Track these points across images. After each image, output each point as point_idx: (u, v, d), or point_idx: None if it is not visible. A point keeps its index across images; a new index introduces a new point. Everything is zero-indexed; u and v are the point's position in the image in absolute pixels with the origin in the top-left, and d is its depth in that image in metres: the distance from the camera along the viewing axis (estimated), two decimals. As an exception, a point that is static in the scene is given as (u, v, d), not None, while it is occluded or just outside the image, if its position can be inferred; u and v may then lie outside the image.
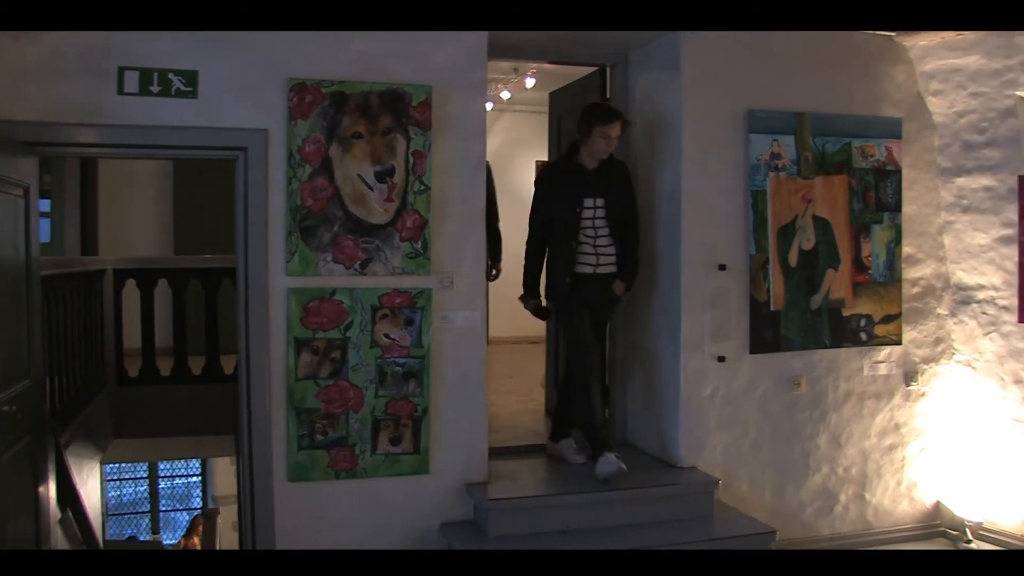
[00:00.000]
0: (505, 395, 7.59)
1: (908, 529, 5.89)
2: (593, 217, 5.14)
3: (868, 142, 5.64)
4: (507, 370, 9.01)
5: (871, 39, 5.66)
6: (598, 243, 5.17)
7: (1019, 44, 5.29)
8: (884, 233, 5.70)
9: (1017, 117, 5.52)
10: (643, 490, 5.02)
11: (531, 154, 11.15)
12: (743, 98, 5.35)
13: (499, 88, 9.42)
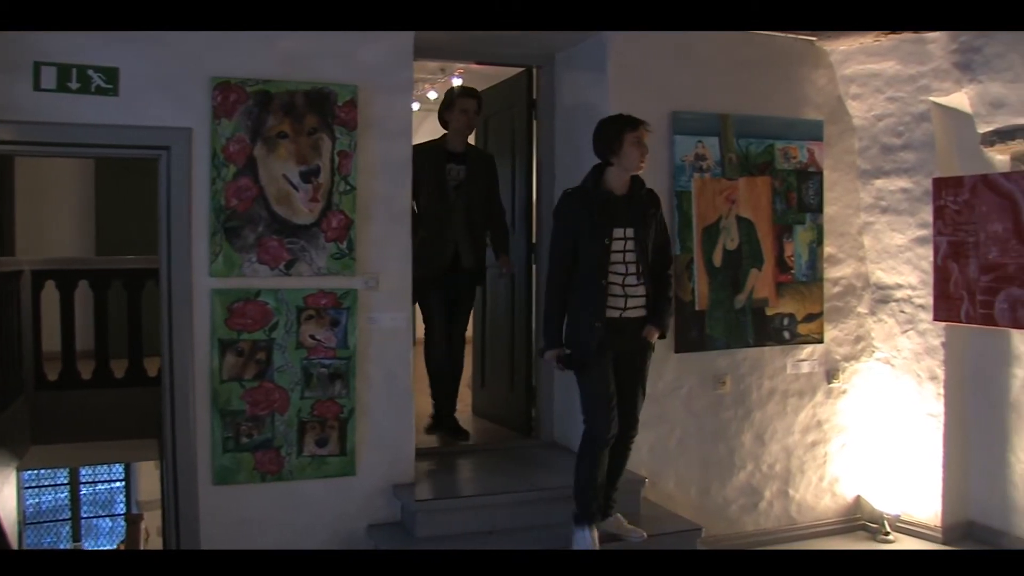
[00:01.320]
0: (432, 396, 7.57)
1: (830, 523, 6.00)
2: (624, 250, 4.53)
3: (791, 144, 5.74)
4: (435, 371, 8.97)
5: (793, 43, 5.77)
6: (627, 281, 4.52)
7: (931, 52, 5.44)
8: (806, 233, 5.81)
9: (931, 122, 5.67)
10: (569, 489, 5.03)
11: (459, 154, 11.12)
12: (668, 100, 5.41)
13: (426, 88, 9.39)
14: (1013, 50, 5.03)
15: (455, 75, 8.78)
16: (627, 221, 4.52)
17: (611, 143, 4.49)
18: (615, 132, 4.48)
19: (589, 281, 4.48)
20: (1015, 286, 5.10)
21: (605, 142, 4.51)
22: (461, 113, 5.77)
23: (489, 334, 6.58)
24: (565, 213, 4.56)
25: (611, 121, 4.57)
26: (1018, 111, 5.12)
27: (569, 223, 4.53)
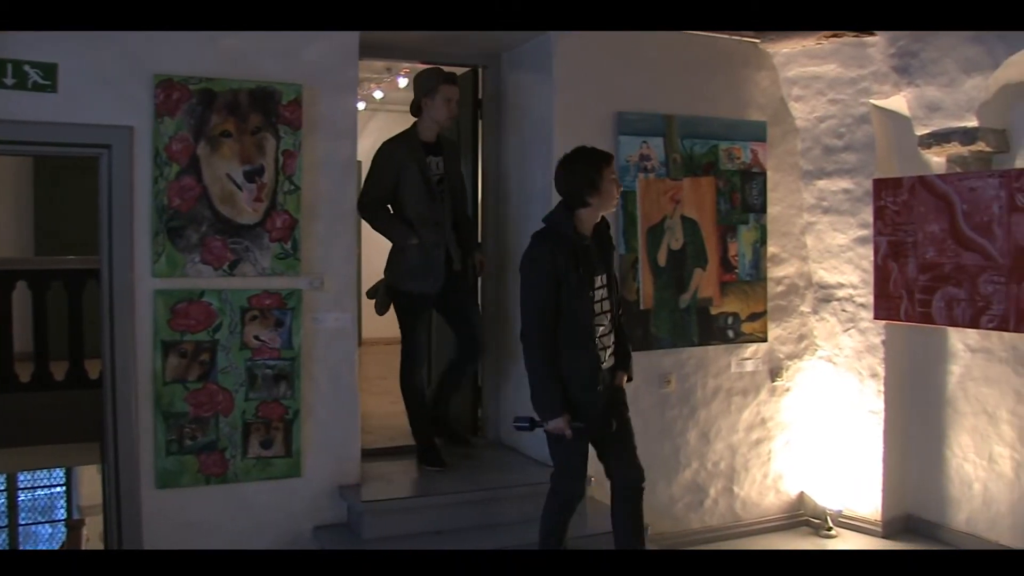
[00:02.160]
0: (378, 396, 7.54)
1: (774, 519, 6.08)
2: (600, 299, 4.15)
3: (734, 145, 5.81)
4: (380, 371, 8.94)
5: (737, 45, 5.83)
6: (602, 331, 4.16)
7: (871, 55, 5.54)
8: (750, 233, 5.88)
9: (871, 124, 5.77)
10: (517, 488, 5.06)
11: (406, 154, 11.08)
12: (613, 100, 5.44)
13: (372, 88, 9.36)
14: (947, 56, 5.15)
15: (401, 74, 8.76)
16: (601, 267, 4.17)
17: (590, 181, 3.99)
18: (594, 169, 4.01)
19: (577, 341, 4.03)
20: (951, 285, 5.20)
21: (583, 180, 4.00)
22: (444, 102, 5.17)
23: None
24: (544, 260, 3.98)
25: (586, 157, 4.06)
26: (953, 115, 5.23)
27: (549, 272, 3.97)
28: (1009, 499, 5.38)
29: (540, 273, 3.99)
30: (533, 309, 4.02)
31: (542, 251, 4.01)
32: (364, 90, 9.16)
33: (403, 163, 5.09)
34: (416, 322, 5.30)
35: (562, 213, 4.07)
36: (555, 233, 4.06)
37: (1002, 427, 5.39)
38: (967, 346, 5.60)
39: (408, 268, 5.09)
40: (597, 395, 4.07)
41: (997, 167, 5.25)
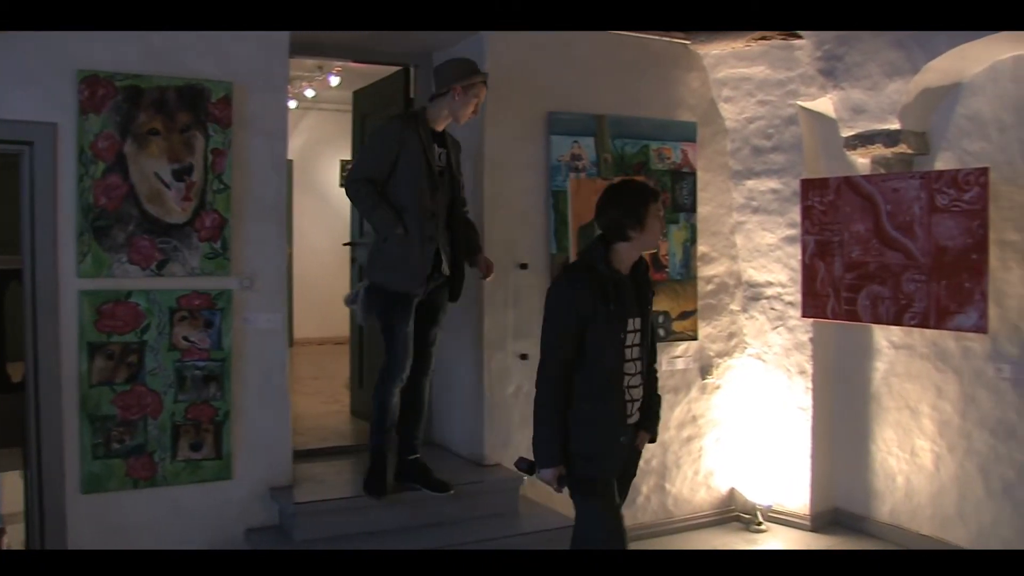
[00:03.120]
0: (310, 397, 7.51)
1: (706, 515, 6.16)
2: (632, 344, 3.75)
3: (665, 145, 5.87)
4: (312, 371, 8.91)
5: (667, 46, 5.89)
6: (632, 382, 3.77)
7: (799, 58, 5.64)
8: (680, 233, 5.94)
9: (799, 125, 5.87)
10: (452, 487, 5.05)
11: (335, 153, 11.07)
12: (544, 100, 5.47)
13: (303, 86, 9.28)
14: (871, 60, 5.27)
15: (332, 73, 8.70)
16: (635, 309, 3.76)
17: (635, 214, 3.62)
18: (640, 202, 3.65)
19: (601, 387, 3.67)
20: (876, 283, 5.32)
21: (627, 213, 3.63)
22: (473, 101, 4.72)
23: (366, 334, 6.53)
24: (572, 295, 3.62)
25: (633, 189, 3.73)
26: (877, 117, 5.35)
27: (576, 309, 3.60)
28: (929, 491, 5.52)
29: (565, 310, 3.62)
30: (553, 347, 3.65)
31: (571, 286, 3.65)
32: (295, 88, 9.08)
33: (409, 144, 4.60)
34: (399, 326, 4.68)
35: (598, 247, 3.69)
36: (587, 267, 3.67)
37: (923, 421, 5.53)
38: (891, 343, 5.73)
39: (390, 262, 4.61)
40: (618, 448, 3.73)
41: (918, 168, 5.38)
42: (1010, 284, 5.01)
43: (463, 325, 5.49)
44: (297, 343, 10.52)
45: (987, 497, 5.21)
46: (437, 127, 4.77)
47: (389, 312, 4.67)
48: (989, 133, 5.11)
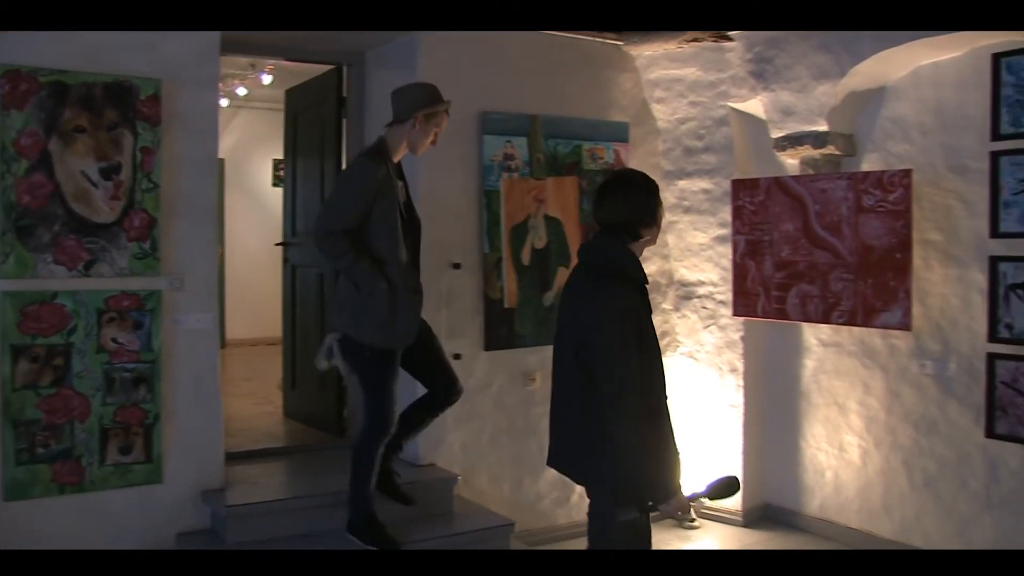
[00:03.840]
0: (242, 398, 7.43)
1: (637, 513, 6.19)
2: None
3: (597, 145, 5.90)
4: (245, 372, 8.81)
5: (600, 47, 5.93)
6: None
7: (730, 60, 5.73)
8: (612, 232, 5.97)
9: (730, 126, 5.95)
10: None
11: (268, 152, 10.96)
12: (477, 100, 5.47)
13: (235, 84, 9.17)
14: (800, 63, 5.37)
15: (264, 71, 8.61)
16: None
17: (651, 211, 3.33)
18: (654, 197, 3.35)
19: (661, 400, 3.30)
20: (805, 282, 5.41)
21: (642, 210, 3.31)
22: (434, 131, 4.42)
23: (299, 334, 6.49)
24: (631, 304, 3.22)
25: (644, 183, 3.37)
26: (806, 119, 5.45)
27: (635, 319, 3.22)
28: (857, 485, 5.62)
29: (630, 320, 3.19)
30: (629, 365, 3.13)
31: (627, 293, 3.23)
32: (227, 86, 8.97)
33: (383, 187, 4.24)
34: (387, 382, 4.35)
35: (619, 245, 3.30)
36: (626, 272, 3.27)
37: (851, 417, 5.63)
38: (820, 341, 5.83)
39: (375, 319, 4.24)
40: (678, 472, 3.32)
41: (845, 170, 5.48)
42: (932, 283, 5.13)
43: (397, 325, 5.47)
44: (229, 344, 10.39)
45: (911, 490, 5.33)
46: (394, 158, 4.41)
47: (376, 370, 4.34)
48: (912, 136, 5.23)
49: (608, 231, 3.33)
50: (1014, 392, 4.60)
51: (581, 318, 3.25)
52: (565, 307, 3.44)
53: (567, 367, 3.35)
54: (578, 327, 3.26)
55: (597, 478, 3.31)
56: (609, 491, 3.24)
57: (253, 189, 11.27)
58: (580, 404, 3.26)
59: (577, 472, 3.43)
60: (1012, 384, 4.61)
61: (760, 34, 5.52)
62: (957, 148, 5.01)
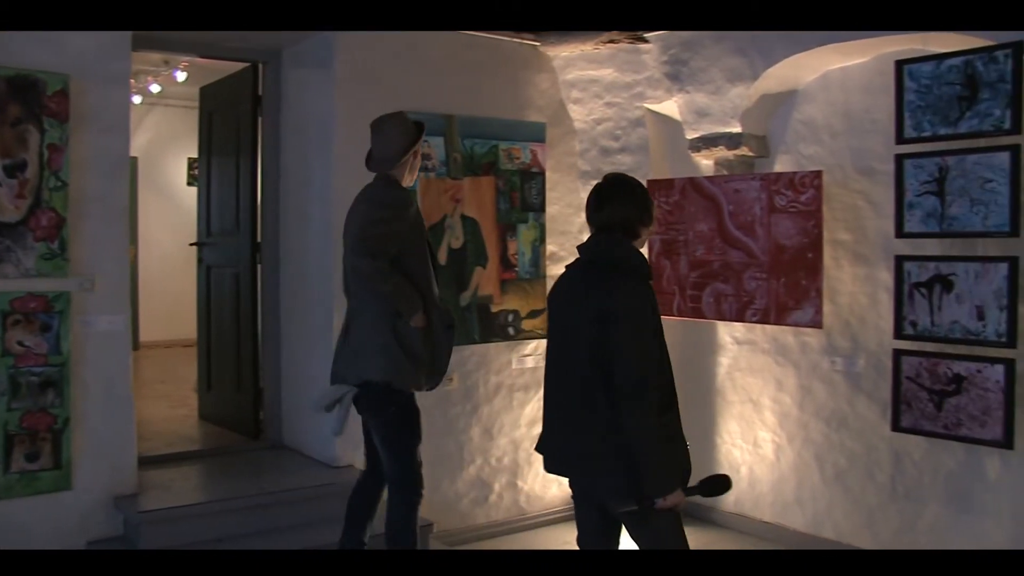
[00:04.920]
0: (157, 401, 7.30)
1: (558, 511, 6.21)
2: None
3: (514, 145, 5.92)
4: (159, 375, 8.67)
5: (517, 48, 5.95)
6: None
7: (645, 62, 5.79)
8: (529, 232, 6.01)
9: (646, 127, 6.02)
10: (301, 491, 4.99)
11: (183, 151, 10.78)
12: (394, 100, 5.39)
13: (148, 80, 8.98)
14: (714, 65, 5.46)
15: (178, 68, 8.46)
16: None
17: (651, 213, 3.43)
18: (650, 199, 3.47)
19: (670, 392, 3.38)
20: (719, 281, 5.50)
21: (642, 210, 3.39)
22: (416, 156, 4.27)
23: (214, 335, 6.40)
24: (649, 300, 3.31)
25: (639, 185, 3.46)
26: (720, 120, 5.54)
27: (652, 314, 3.31)
28: (770, 480, 5.73)
29: (648, 314, 3.27)
30: (647, 358, 3.22)
31: (645, 288, 3.32)
32: (139, 83, 8.78)
33: (416, 220, 4.14)
34: (415, 436, 4.13)
35: (630, 245, 3.37)
36: (638, 268, 3.36)
37: (765, 413, 5.74)
38: (734, 339, 5.92)
39: (417, 358, 4.00)
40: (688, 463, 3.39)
41: (759, 171, 5.58)
42: (842, 282, 5.25)
43: (313, 327, 5.43)
44: (144, 346, 10.22)
45: (822, 484, 5.44)
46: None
47: (405, 422, 4.06)
48: (822, 138, 5.34)
49: (608, 231, 3.38)
50: (917, 387, 4.73)
51: (595, 313, 3.22)
52: (567, 306, 3.41)
53: (579, 366, 3.29)
54: (592, 322, 3.22)
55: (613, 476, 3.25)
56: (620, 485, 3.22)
57: (167, 188, 11.08)
58: (600, 402, 3.24)
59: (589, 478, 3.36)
60: (916, 379, 4.74)
61: (675, 36, 5.60)
62: (864, 151, 5.14)
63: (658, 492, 3.17)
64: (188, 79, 8.48)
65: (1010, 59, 4.29)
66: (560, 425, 3.42)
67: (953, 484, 4.83)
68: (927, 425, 4.72)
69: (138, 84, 8.72)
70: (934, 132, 4.60)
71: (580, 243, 3.48)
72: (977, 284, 4.49)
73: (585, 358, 3.26)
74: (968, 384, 4.55)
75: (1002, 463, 4.61)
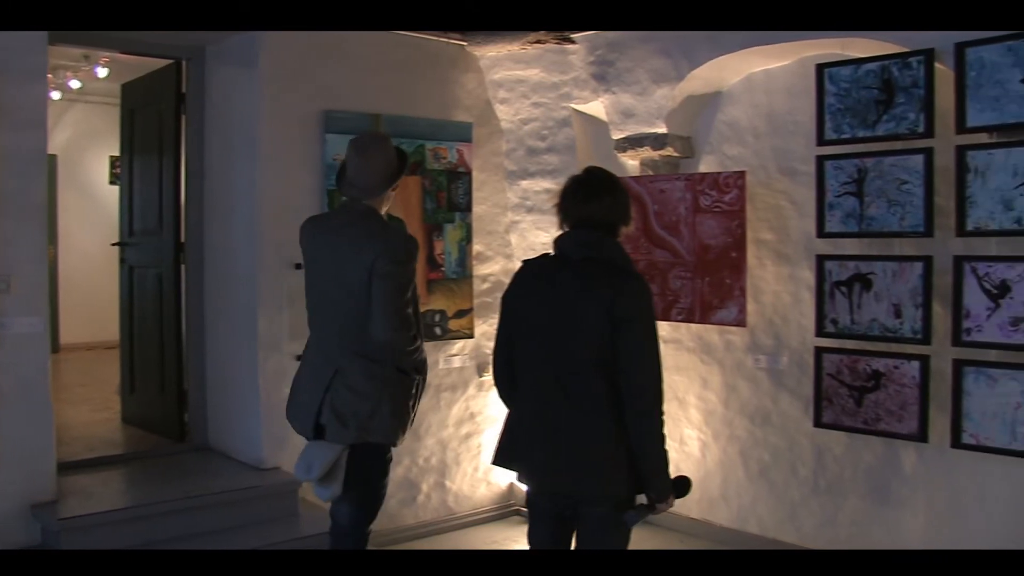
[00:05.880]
0: (77, 405, 7.15)
1: (486, 511, 6.24)
2: None
3: (441, 145, 5.91)
4: (80, 378, 8.49)
5: (445, 47, 5.94)
6: None
7: (572, 62, 5.82)
8: (455, 232, 6.00)
9: (572, 127, 6.06)
10: (227, 494, 4.92)
11: (105, 148, 10.57)
12: (320, 98, 5.40)
13: (67, 76, 8.78)
14: (640, 66, 5.51)
15: (99, 64, 8.29)
16: None
17: (630, 211, 3.37)
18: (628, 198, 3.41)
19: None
20: (645, 281, 5.54)
21: (627, 210, 3.35)
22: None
23: (137, 337, 6.29)
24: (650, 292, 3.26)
25: (621, 184, 3.42)
26: (645, 121, 5.59)
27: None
28: (697, 476, 5.77)
29: (654, 317, 3.21)
30: (659, 361, 3.18)
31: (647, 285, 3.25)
32: (58, 78, 8.59)
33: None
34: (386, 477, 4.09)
35: (617, 243, 3.29)
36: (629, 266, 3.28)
37: (691, 411, 5.80)
38: (660, 337, 5.94)
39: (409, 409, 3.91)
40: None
41: (683, 171, 5.64)
42: (765, 281, 5.33)
43: (238, 327, 5.37)
44: (64, 348, 10.00)
45: (747, 479, 5.52)
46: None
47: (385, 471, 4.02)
48: (746, 139, 5.42)
49: (591, 227, 3.26)
50: (838, 383, 4.83)
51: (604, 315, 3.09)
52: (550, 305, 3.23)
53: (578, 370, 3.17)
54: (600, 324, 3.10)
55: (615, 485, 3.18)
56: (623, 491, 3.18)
57: (88, 187, 10.85)
58: (606, 407, 3.14)
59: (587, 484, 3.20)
60: (836, 376, 4.84)
61: (602, 37, 5.64)
62: (787, 152, 5.22)
63: (664, 497, 3.17)
64: (110, 75, 8.31)
65: (923, 65, 4.41)
66: (548, 433, 3.21)
67: (872, 477, 4.94)
68: (847, 420, 4.82)
69: (57, 80, 8.53)
70: (853, 134, 4.70)
71: (560, 236, 3.33)
72: (894, 283, 4.60)
73: (587, 362, 3.14)
74: (886, 380, 4.66)
75: (918, 456, 4.73)
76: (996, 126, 4.19)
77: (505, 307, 3.41)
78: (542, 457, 3.23)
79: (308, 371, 3.92)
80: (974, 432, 4.34)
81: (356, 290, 3.70)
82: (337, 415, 3.73)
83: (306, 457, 3.80)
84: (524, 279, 3.38)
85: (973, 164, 4.26)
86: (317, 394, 3.78)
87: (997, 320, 4.24)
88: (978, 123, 4.24)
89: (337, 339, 3.81)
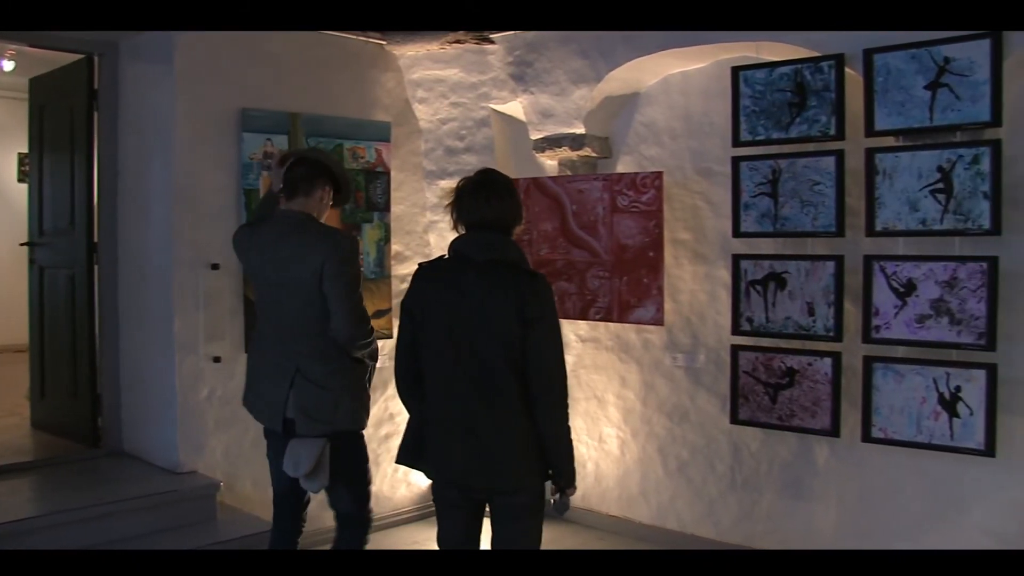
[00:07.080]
0: (-16, 410, 6.96)
1: (407, 512, 6.23)
2: None
3: (359, 144, 5.87)
4: (-11, 383, 8.25)
5: (363, 46, 5.90)
6: None
7: (491, 62, 5.84)
8: (374, 232, 5.97)
9: (491, 127, 6.07)
10: (142, 499, 4.83)
11: (12, 145, 10.30)
12: (237, 97, 5.32)
13: (-26, 71, 8.53)
14: (558, 67, 5.55)
15: (4, 57, 8.05)
16: None
17: (522, 212, 3.47)
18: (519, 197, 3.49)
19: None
20: (563, 280, 5.59)
21: (520, 210, 3.45)
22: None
23: (48, 339, 6.14)
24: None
25: (513, 183, 3.52)
26: (564, 121, 5.63)
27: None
28: (616, 474, 5.86)
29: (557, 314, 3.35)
30: (563, 356, 3.31)
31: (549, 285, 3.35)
32: (-38, 73, 8.34)
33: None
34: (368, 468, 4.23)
35: (516, 244, 3.38)
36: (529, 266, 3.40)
37: (610, 409, 5.86)
38: (579, 336, 6.03)
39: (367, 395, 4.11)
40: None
41: (601, 171, 5.70)
42: (682, 280, 5.41)
43: (153, 328, 5.27)
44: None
45: (666, 476, 5.60)
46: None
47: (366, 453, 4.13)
48: (663, 140, 5.49)
49: (490, 229, 3.32)
50: (754, 380, 4.93)
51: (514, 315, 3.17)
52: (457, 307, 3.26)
53: (490, 369, 3.22)
54: (511, 325, 3.18)
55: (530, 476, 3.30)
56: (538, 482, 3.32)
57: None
58: (518, 403, 3.23)
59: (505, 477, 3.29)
60: (752, 373, 4.93)
61: (520, 38, 5.66)
62: (703, 152, 5.31)
63: (572, 482, 3.31)
64: (16, 69, 8.08)
65: (834, 69, 4.53)
66: (463, 432, 3.27)
67: (787, 473, 5.05)
68: (763, 417, 4.93)
69: (-39, 74, 8.29)
70: (767, 136, 4.81)
71: (460, 238, 3.37)
72: (808, 281, 4.71)
73: (500, 361, 3.20)
74: (800, 377, 4.77)
75: (830, 451, 4.86)
76: (902, 130, 4.34)
77: (406, 311, 3.44)
78: (458, 455, 3.30)
79: (268, 368, 4.00)
80: (883, 426, 4.48)
81: (306, 292, 3.82)
82: (303, 411, 3.87)
83: (292, 455, 3.90)
84: (424, 283, 3.41)
85: (881, 166, 4.39)
86: (282, 392, 3.90)
87: (904, 317, 4.38)
88: (885, 127, 4.38)
89: (292, 339, 3.91)
